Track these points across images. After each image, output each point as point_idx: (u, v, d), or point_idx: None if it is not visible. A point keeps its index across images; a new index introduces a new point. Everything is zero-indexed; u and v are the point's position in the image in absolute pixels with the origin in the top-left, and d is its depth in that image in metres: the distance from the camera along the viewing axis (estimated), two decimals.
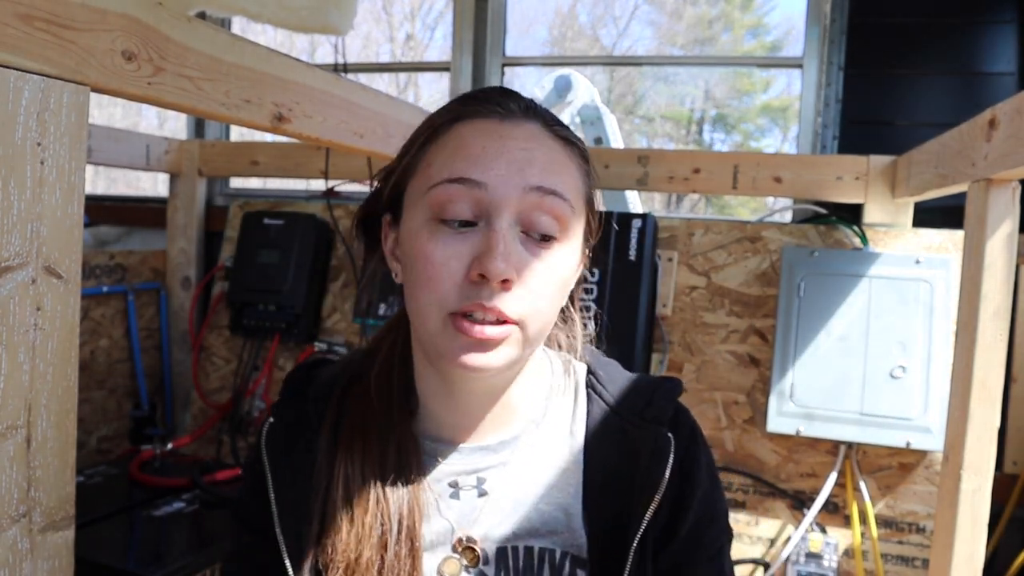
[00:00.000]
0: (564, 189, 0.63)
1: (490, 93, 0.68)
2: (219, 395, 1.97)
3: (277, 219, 1.92)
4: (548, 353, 0.77)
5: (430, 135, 0.67)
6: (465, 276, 0.61)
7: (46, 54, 0.67)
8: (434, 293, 0.61)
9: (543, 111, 0.68)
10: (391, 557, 0.66)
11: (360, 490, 0.67)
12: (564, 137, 0.67)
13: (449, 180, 0.62)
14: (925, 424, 1.46)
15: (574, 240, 0.66)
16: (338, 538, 0.66)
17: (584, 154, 0.69)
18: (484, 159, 0.62)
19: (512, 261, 0.60)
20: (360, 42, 6.72)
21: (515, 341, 0.63)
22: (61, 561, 0.71)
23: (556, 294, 0.64)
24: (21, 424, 0.66)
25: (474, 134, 0.64)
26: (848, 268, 1.55)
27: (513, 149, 0.63)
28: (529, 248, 0.62)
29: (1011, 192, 1.04)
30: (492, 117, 0.65)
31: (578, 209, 0.66)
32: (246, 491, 0.75)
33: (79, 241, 0.71)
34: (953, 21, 1.80)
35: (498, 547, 0.68)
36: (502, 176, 0.61)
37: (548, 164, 0.63)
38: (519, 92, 0.69)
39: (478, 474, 0.70)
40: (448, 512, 0.69)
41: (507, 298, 0.60)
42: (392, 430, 0.70)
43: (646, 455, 0.68)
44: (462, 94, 0.70)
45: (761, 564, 1.55)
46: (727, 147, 6.82)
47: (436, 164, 0.64)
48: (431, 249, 0.62)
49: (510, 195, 0.61)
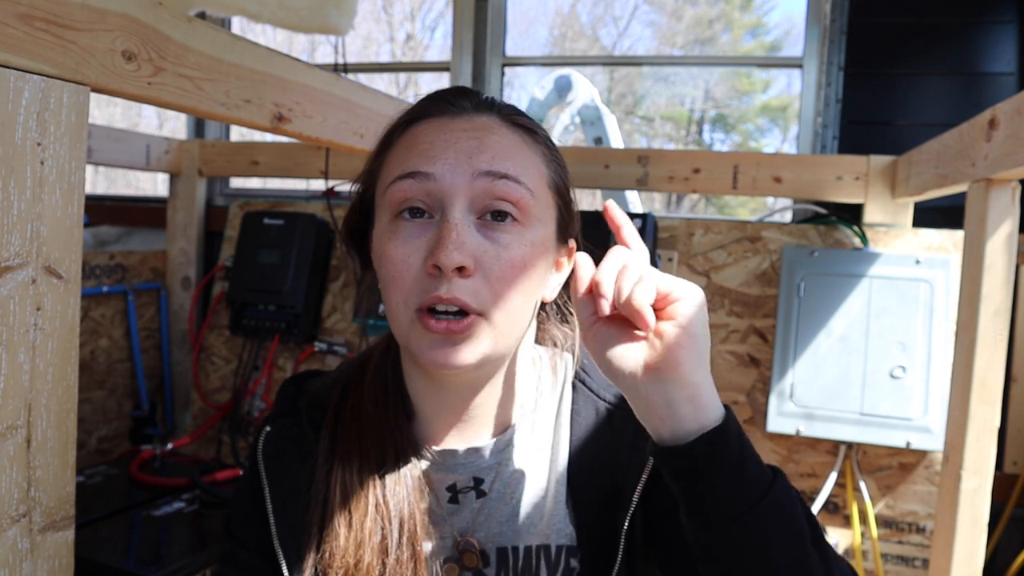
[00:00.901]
0: (518, 172, 0.63)
1: (444, 93, 0.68)
2: (219, 395, 1.97)
3: (277, 219, 1.92)
4: (538, 350, 0.77)
5: (387, 141, 0.68)
6: (424, 270, 0.61)
7: (46, 54, 0.67)
8: (399, 291, 0.62)
9: (502, 105, 0.69)
10: (392, 562, 0.66)
11: (358, 496, 0.67)
12: (523, 125, 0.67)
13: (400, 176, 0.63)
14: (925, 424, 1.46)
15: (538, 225, 0.64)
16: (336, 544, 0.66)
17: (548, 143, 0.69)
18: (432, 151, 0.63)
19: (466, 249, 0.60)
20: (360, 42, 6.73)
21: (483, 334, 0.62)
22: (61, 561, 0.71)
23: (522, 280, 0.63)
24: (21, 424, 0.66)
25: (425, 131, 0.65)
26: (848, 268, 1.55)
27: (461, 139, 0.63)
28: (486, 234, 0.62)
29: (1011, 192, 1.04)
30: (443, 115, 0.66)
31: (539, 193, 0.65)
32: (240, 506, 0.75)
33: (79, 241, 0.71)
34: (953, 21, 1.80)
35: (498, 548, 0.69)
36: (450, 164, 0.62)
37: (500, 149, 0.63)
38: (479, 91, 0.70)
39: (476, 476, 0.70)
40: (449, 517, 0.69)
41: (464, 287, 0.60)
42: (389, 436, 0.70)
43: (630, 435, 0.69)
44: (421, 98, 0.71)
45: None
46: (727, 147, 6.83)
47: (391, 165, 0.66)
48: (392, 248, 0.62)
49: (459, 183, 0.61)
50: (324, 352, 1.88)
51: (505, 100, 0.72)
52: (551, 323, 0.78)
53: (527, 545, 0.69)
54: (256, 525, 0.70)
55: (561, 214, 0.69)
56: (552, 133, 2.37)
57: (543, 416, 0.73)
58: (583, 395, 0.73)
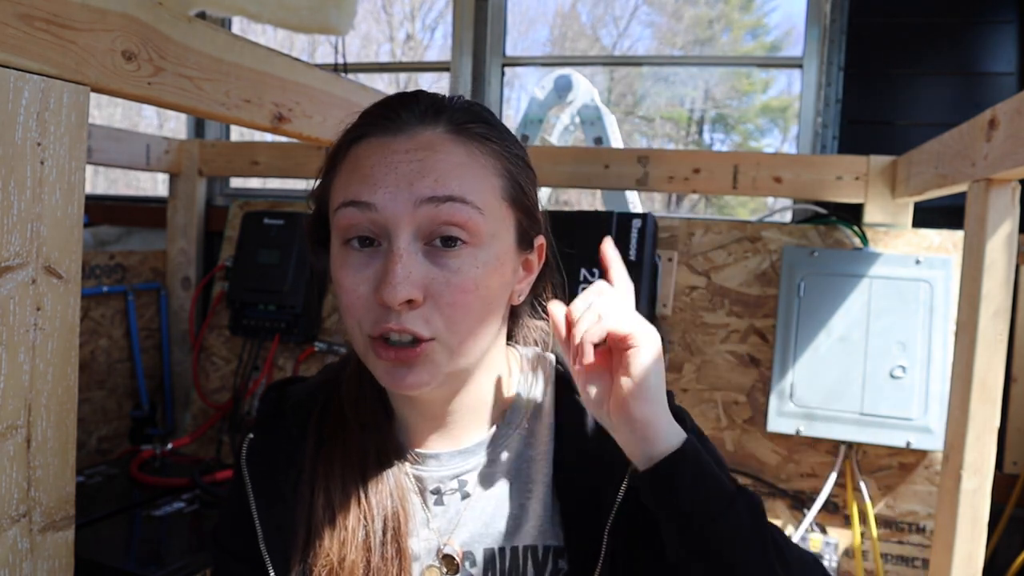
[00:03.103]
0: (464, 191, 0.60)
1: (384, 104, 0.65)
2: (219, 395, 1.97)
3: (277, 219, 1.92)
4: (517, 349, 0.77)
5: (334, 159, 0.67)
6: (374, 299, 0.60)
7: (46, 54, 0.67)
8: (353, 318, 0.62)
9: (454, 109, 0.65)
10: (377, 560, 0.66)
11: (341, 496, 0.67)
12: (475, 135, 0.64)
13: (344, 204, 0.61)
14: (925, 424, 1.46)
15: (492, 242, 0.62)
16: (320, 544, 0.66)
17: (505, 150, 0.65)
18: (372, 178, 0.60)
19: (413, 279, 0.58)
20: (360, 42, 6.72)
21: (438, 356, 0.61)
22: (61, 561, 0.71)
23: (475, 302, 0.61)
24: (21, 424, 0.66)
25: (367, 153, 0.62)
26: (848, 268, 1.54)
27: (402, 163, 0.60)
28: (435, 260, 0.60)
29: (1011, 192, 1.04)
30: (384, 134, 0.63)
31: (491, 209, 0.62)
32: (228, 515, 0.74)
33: (79, 241, 0.71)
34: (953, 21, 1.80)
35: (485, 549, 0.69)
36: (390, 193, 0.59)
37: (445, 170, 0.60)
38: (424, 94, 0.66)
39: (459, 477, 0.70)
40: (433, 520, 0.69)
41: (415, 317, 0.59)
42: (371, 439, 0.70)
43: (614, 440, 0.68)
44: (368, 107, 0.67)
45: None
46: (727, 147, 6.83)
47: (337, 188, 0.64)
48: (343, 276, 0.62)
49: (401, 212, 0.59)
50: (324, 352, 1.88)
51: (505, 100, 0.70)
52: (527, 319, 0.77)
53: (514, 546, 0.68)
54: (243, 533, 0.70)
55: (520, 222, 0.66)
56: (552, 133, 2.37)
57: (527, 416, 0.73)
58: (566, 395, 0.73)
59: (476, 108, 0.67)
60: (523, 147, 0.70)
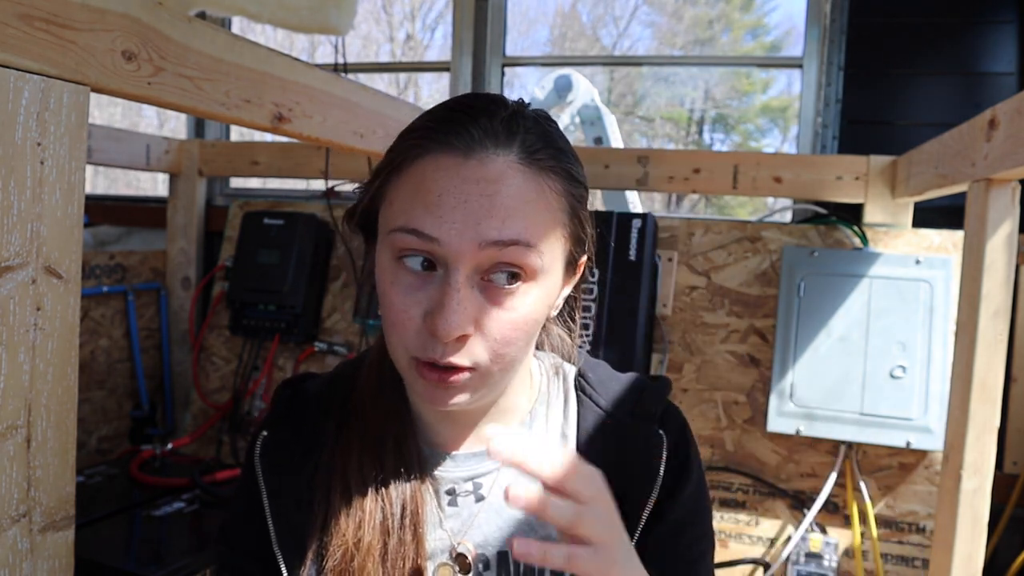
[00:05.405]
0: (531, 235, 0.59)
1: (460, 114, 0.61)
2: (219, 395, 1.97)
3: (277, 219, 1.92)
4: (539, 356, 0.77)
5: (395, 166, 0.63)
6: (424, 325, 0.59)
7: (46, 54, 0.67)
8: (399, 337, 0.61)
9: (526, 133, 0.61)
10: (395, 542, 0.65)
11: (359, 485, 0.67)
12: (549, 167, 0.61)
13: (404, 229, 0.59)
14: (925, 424, 1.46)
15: (546, 277, 0.62)
16: (336, 526, 0.65)
17: (571, 180, 0.63)
18: (440, 209, 0.58)
19: (468, 314, 0.58)
20: (360, 42, 6.73)
21: (479, 384, 0.61)
22: (61, 561, 0.71)
23: (523, 337, 0.62)
24: (21, 424, 0.66)
25: (435, 175, 0.59)
26: (848, 268, 1.55)
27: (473, 195, 0.58)
28: (490, 296, 0.59)
29: (1011, 192, 1.04)
30: (455, 152, 0.59)
31: (551, 249, 0.61)
32: (237, 514, 0.74)
33: (79, 241, 0.71)
34: (953, 21, 1.80)
35: (499, 552, 0.68)
36: (457, 230, 0.57)
37: (513, 207, 0.58)
38: (497, 105, 0.62)
39: (475, 480, 0.70)
40: (446, 520, 0.69)
41: (463, 350, 0.59)
42: (390, 436, 0.69)
43: (638, 452, 0.68)
44: (432, 109, 0.64)
45: (761, 564, 1.55)
46: (727, 147, 6.83)
47: (396, 204, 0.61)
48: (393, 294, 0.60)
49: (465, 251, 0.57)
50: (324, 352, 1.88)
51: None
52: (550, 324, 0.77)
53: None
54: (253, 531, 0.70)
55: (571, 251, 0.66)
56: None
57: (547, 424, 0.73)
58: (586, 404, 0.73)
59: (545, 127, 0.64)
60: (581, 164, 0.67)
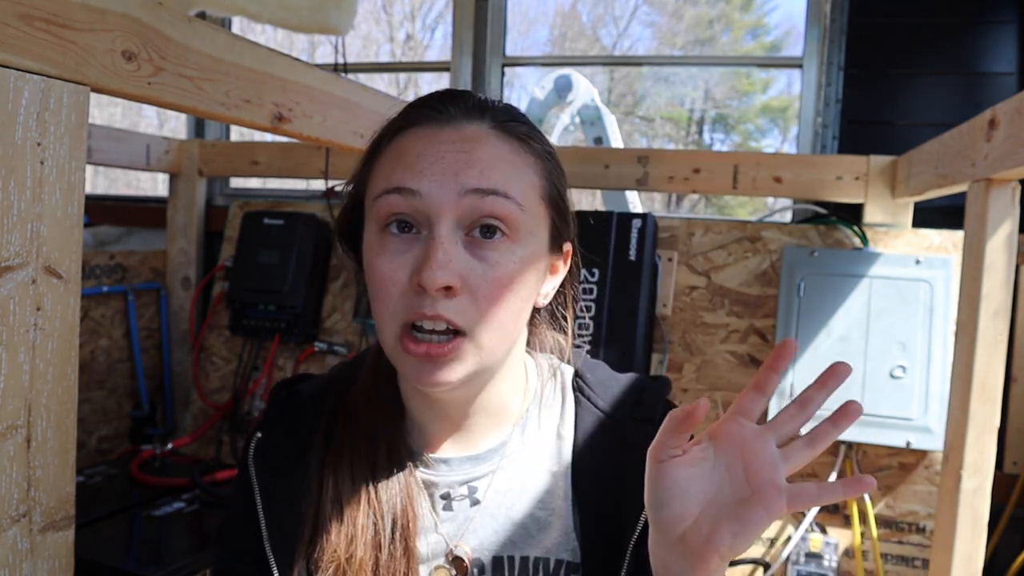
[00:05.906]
0: (507, 187, 0.61)
1: (431, 98, 0.66)
2: (219, 395, 1.97)
3: (277, 219, 1.92)
4: (534, 356, 0.76)
5: (375, 148, 0.67)
6: (410, 286, 0.60)
7: (46, 54, 0.67)
8: (386, 306, 0.61)
9: (496, 109, 0.66)
10: (386, 557, 0.65)
11: (350, 494, 0.67)
12: (517, 134, 0.65)
13: (387, 191, 0.62)
14: (925, 424, 1.46)
15: (528, 238, 0.63)
16: (327, 539, 0.65)
17: (544, 151, 0.67)
18: (418, 166, 0.61)
19: (453, 267, 0.59)
20: (360, 42, 6.73)
21: (468, 354, 0.61)
22: (61, 561, 0.71)
23: (510, 297, 0.62)
24: (21, 424, 0.66)
25: (413, 143, 0.63)
26: (848, 268, 1.55)
27: (448, 152, 0.61)
28: (473, 251, 0.61)
29: (1011, 192, 1.04)
30: (430, 123, 0.64)
31: (530, 206, 0.63)
32: (233, 516, 0.74)
33: (79, 241, 0.71)
34: (953, 21, 1.80)
35: (494, 556, 0.68)
36: (436, 181, 0.60)
37: (490, 163, 0.62)
38: (469, 93, 0.68)
39: (469, 483, 0.69)
40: (441, 525, 0.69)
41: (450, 306, 0.59)
42: (383, 439, 0.69)
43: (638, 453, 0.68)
44: (409, 102, 0.68)
45: (761, 564, 1.55)
46: (727, 147, 6.82)
47: (378, 176, 0.64)
48: (379, 262, 0.62)
49: (445, 201, 0.60)
50: (324, 352, 1.88)
51: (505, 100, 0.71)
52: (544, 327, 0.77)
53: (524, 556, 0.68)
54: (248, 533, 0.70)
55: (554, 223, 0.67)
56: (552, 133, 2.36)
57: (543, 426, 0.72)
58: (584, 405, 0.72)
59: (516, 110, 0.69)
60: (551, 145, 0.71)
